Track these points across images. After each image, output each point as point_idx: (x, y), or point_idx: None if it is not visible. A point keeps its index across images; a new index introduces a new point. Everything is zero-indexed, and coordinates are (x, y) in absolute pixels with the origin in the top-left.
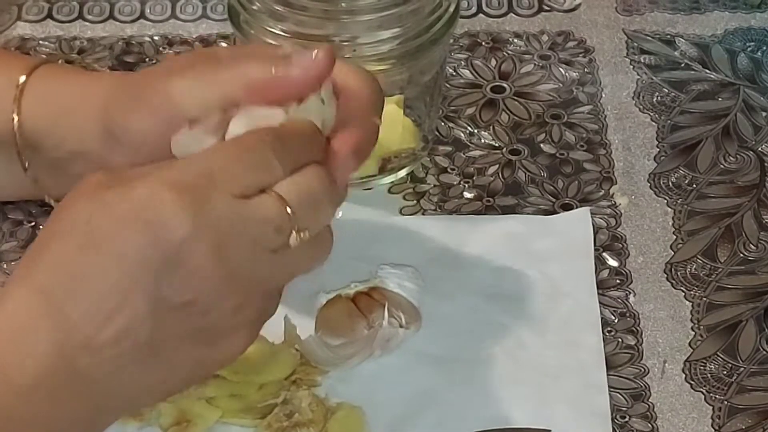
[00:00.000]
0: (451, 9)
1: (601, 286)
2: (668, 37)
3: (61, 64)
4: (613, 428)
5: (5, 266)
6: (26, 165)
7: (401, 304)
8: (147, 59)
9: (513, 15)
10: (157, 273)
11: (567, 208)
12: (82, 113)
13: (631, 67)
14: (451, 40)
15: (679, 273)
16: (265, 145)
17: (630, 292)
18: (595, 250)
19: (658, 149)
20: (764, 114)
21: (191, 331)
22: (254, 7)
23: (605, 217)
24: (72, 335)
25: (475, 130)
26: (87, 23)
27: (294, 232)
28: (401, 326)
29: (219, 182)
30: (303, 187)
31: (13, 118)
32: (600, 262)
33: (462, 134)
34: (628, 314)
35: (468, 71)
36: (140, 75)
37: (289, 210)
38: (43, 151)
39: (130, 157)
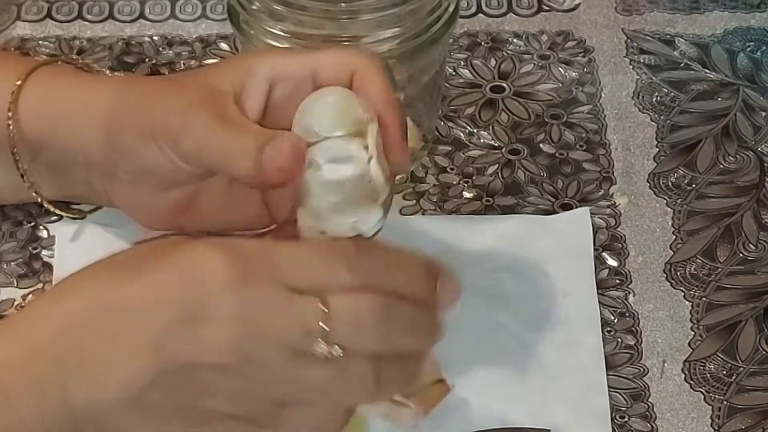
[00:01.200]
0: (451, 9)
1: (601, 285)
2: (668, 36)
3: (60, 64)
4: (613, 428)
5: (5, 266)
6: (24, 169)
7: None
8: (146, 59)
9: (512, 15)
10: (177, 325)
11: (566, 207)
12: (84, 122)
13: (631, 67)
14: (451, 40)
15: (678, 273)
16: (339, 251)
17: (629, 292)
18: (595, 249)
19: (657, 149)
20: (764, 114)
21: (186, 405)
22: (254, 7)
23: (605, 216)
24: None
25: (475, 130)
26: (86, 23)
27: (321, 341)
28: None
29: (276, 267)
30: (354, 306)
31: (9, 125)
32: (599, 262)
33: (461, 134)
34: (627, 314)
35: (467, 71)
36: (145, 98)
37: (325, 323)
38: (42, 157)
39: (132, 170)
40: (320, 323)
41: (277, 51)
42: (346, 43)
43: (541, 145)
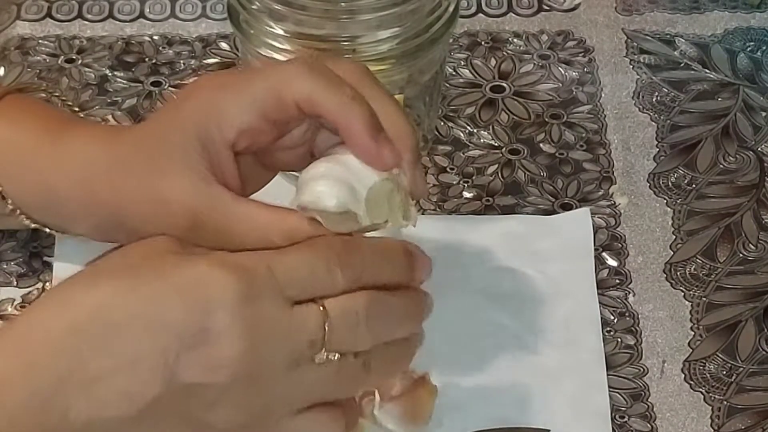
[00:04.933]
0: (451, 8)
1: (601, 285)
2: (668, 36)
3: (17, 98)
4: (613, 428)
5: (5, 266)
6: (13, 203)
7: None
8: (146, 58)
9: (512, 14)
10: (184, 342)
11: (566, 207)
12: (61, 207)
13: (631, 66)
14: (451, 40)
15: (678, 273)
16: (335, 256)
17: (629, 292)
18: (595, 249)
19: (657, 149)
20: (764, 114)
21: (190, 417)
22: (254, 7)
23: (605, 216)
24: (77, 376)
25: (475, 130)
26: (86, 22)
27: (323, 350)
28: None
29: (278, 283)
30: (347, 308)
31: None
32: (599, 262)
33: (461, 134)
34: (627, 314)
35: (467, 71)
36: (126, 156)
37: (326, 326)
38: (32, 214)
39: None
40: (324, 328)
41: (220, 104)
42: (345, 43)
43: (541, 144)
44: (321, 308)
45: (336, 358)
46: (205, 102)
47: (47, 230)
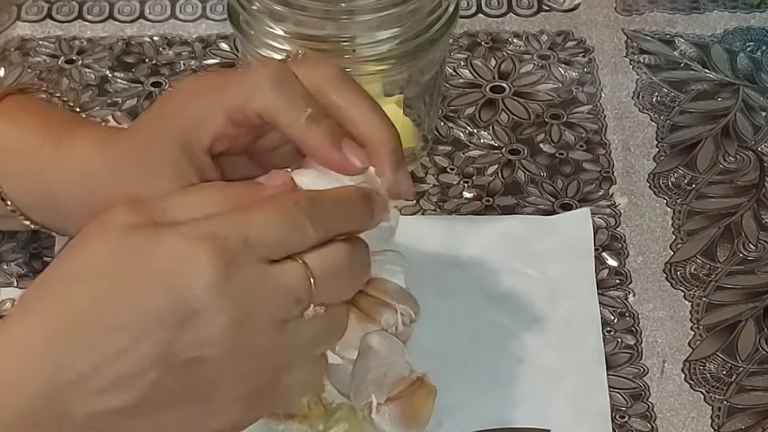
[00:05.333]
0: (451, 9)
1: (601, 285)
2: (668, 36)
3: (18, 99)
4: (613, 428)
5: (5, 266)
6: (13, 205)
7: (398, 294)
8: (146, 59)
9: (512, 15)
10: (172, 327)
11: (566, 207)
12: (60, 213)
13: (631, 66)
14: (451, 40)
15: (678, 273)
16: (300, 210)
17: (629, 292)
18: (595, 249)
19: (657, 149)
20: (764, 114)
21: (190, 392)
22: (254, 7)
23: (605, 216)
24: (66, 376)
25: (475, 130)
26: (86, 23)
27: (311, 305)
28: (412, 321)
29: (253, 246)
30: (329, 260)
31: None
32: (599, 262)
33: (461, 134)
34: (627, 314)
35: (467, 71)
36: (121, 160)
37: (312, 281)
38: (33, 220)
39: None
40: (309, 282)
41: (190, 109)
42: (345, 44)
43: (541, 145)
44: (301, 262)
45: (323, 310)
46: (184, 107)
47: (47, 231)
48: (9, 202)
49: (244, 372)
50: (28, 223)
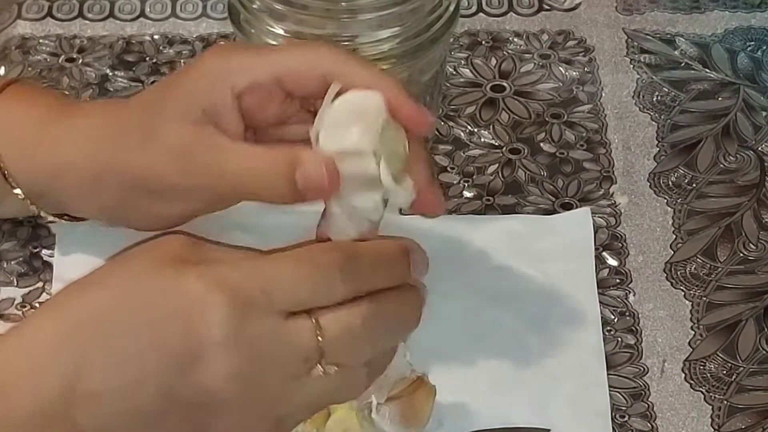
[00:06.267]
0: (451, 8)
1: (601, 285)
2: (668, 36)
3: (22, 85)
4: (613, 427)
5: (5, 265)
6: (22, 192)
7: None
8: (147, 58)
9: (513, 14)
10: (179, 370)
11: (567, 207)
12: (65, 182)
13: (631, 66)
14: (451, 39)
15: (678, 272)
16: (335, 270)
17: (629, 292)
18: (595, 249)
19: (657, 148)
20: (764, 113)
21: (197, 426)
22: (254, 6)
23: (605, 216)
24: (78, 390)
25: (475, 129)
26: (87, 22)
27: (319, 364)
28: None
29: (272, 298)
30: (345, 323)
31: None
32: (600, 262)
33: (462, 133)
34: (627, 313)
35: (468, 70)
36: (132, 150)
37: (320, 340)
38: (39, 201)
39: (136, 222)
40: (316, 346)
41: (235, 60)
42: (346, 43)
43: (541, 144)
44: (313, 321)
45: (334, 371)
46: (222, 57)
47: (51, 218)
48: (14, 183)
49: (247, 420)
50: (34, 207)
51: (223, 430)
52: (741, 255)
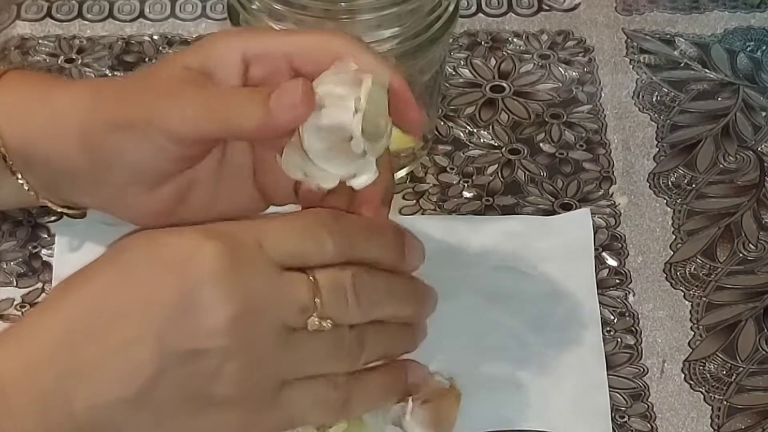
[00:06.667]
0: (451, 8)
1: (601, 285)
2: (668, 36)
3: (24, 71)
4: (613, 428)
5: (5, 266)
6: (22, 177)
7: None
8: (146, 58)
9: (512, 14)
10: (174, 316)
11: (566, 207)
12: (59, 137)
13: (631, 66)
14: (451, 40)
15: (678, 273)
16: (323, 225)
17: (629, 292)
18: (595, 249)
19: (657, 149)
20: (764, 114)
21: (190, 388)
22: (254, 7)
23: (604, 216)
24: (72, 368)
25: (475, 130)
26: (86, 22)
27: (315, 316)
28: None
29: (265, 247)
30: (340, 281)
31: None
32: (599, 262)
33: (461, 134)
34: (627, 314)
35: (467, 71)
36: (119, 91)
37: (317, 300)
38: (33, 169)
39: (117, 172)
40: (314, 300)
41: (251, 30)
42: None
43: (541, 144)
44: (311, 278)
45: (329, 325)
46: (236, 30)
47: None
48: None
49: (244, 372)
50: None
51: (220, 389)
52: (741, 255)
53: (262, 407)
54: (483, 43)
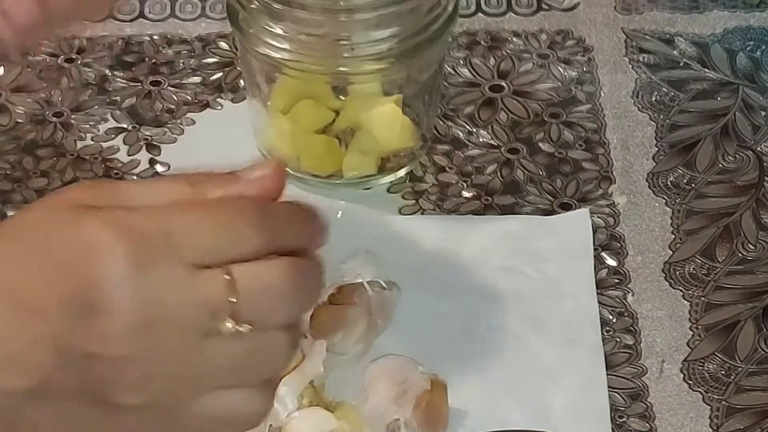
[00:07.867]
0: (450, 7)
1: (600, 285)
2: (667, 36)
3: None
4: (612, 428)
5: None
6: None
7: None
8: (146, 58)
9: (512, 14)
10: (74, 317)
11: (565, 207)
12: None
13: (630, 66)
14: (450, 39)
15: (677, 272)
16: (245, 219)
17: (628, 292)
18: (594, 249)
19: (656, 148)
20: (763, 113)
21: (88, 389)
22: (253, 6)
23: (604, 216)
24: None
25: (474, 129)
26: (86, 22)
27: (230, 320)
28: (384, 288)
29: (176, 246)
30: (261, 276)
31: None
32: (598, 262)
33: (461, 133)
34: (626, 314)
35: (467, 70)
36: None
37: (233, 298)
38: None
39: None
40: (227, 300)
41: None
42: (344, 42)
43: (540, 144)
44: (225, 275)
45: (247, 330)
46: None
47: None
48: None
49: (145, 382)
50: None
51: (120, 396)
52: (740, 255)
53: (168, 419)
54: (482, 42)
